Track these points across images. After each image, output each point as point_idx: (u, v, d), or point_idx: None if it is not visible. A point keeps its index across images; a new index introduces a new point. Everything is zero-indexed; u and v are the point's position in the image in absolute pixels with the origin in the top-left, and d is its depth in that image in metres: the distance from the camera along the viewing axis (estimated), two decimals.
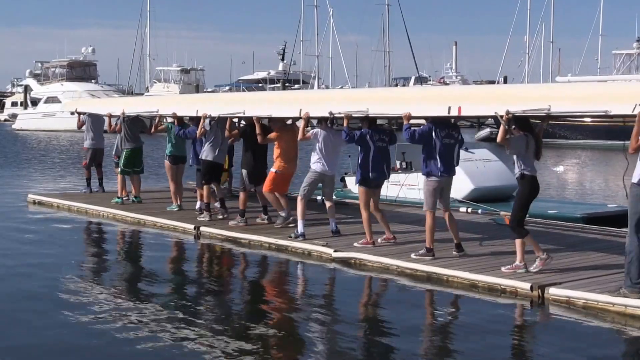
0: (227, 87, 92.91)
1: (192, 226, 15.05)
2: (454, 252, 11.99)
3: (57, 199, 18.98)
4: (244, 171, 14.79)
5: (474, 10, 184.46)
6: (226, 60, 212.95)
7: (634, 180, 9.60)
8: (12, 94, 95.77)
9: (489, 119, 37.81)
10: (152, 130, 17.00)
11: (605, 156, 32.48)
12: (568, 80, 52.59)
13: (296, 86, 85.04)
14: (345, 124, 12.75)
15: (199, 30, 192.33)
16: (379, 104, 12.86)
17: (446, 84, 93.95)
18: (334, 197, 14.47)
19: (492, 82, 78.54)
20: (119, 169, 17.55)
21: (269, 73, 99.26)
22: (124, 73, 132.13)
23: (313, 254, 12.89)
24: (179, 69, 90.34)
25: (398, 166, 17.96)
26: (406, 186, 16.74)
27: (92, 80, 78.13)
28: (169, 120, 16.76)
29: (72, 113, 20.67)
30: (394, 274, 11.69)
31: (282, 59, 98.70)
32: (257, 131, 14.04)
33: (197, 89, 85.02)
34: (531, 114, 10.66)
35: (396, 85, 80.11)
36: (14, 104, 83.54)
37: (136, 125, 17.46)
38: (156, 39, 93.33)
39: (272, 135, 14.06)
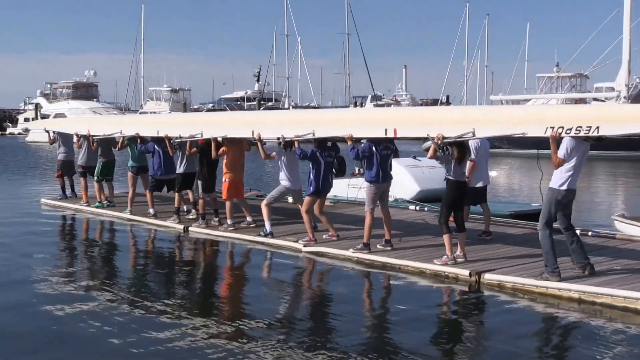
0: (211, 105, 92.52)
1: (181, 226, 14.97)
2: (379, 246, 12.04)
3: (65, 203, 18.81)
4: (199, 182, 14.77)
5: (422, 38, 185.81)
6: (209, 81, 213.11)
7: (550, 184, 9.85)
8: (25, 111, 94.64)
9: None
10: (119, 147, 16.98)
11: (530, 163, 32.74)
12: (499, 98, 53.04)
13: (269, 103, 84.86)
14: (296, 145, 12.74)
15: (186, 55, 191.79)
16: (323, 127, 12.66)
17: (397, 101, 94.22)
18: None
19: (437, 100, 79.42)
20: (95, 178, 17.60)
21: (247, 92, 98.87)
22: (121, 92, 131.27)
23: (285, 248, 12.92)
24: (169, 89, 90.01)
25: (357, 171, 18.07)
26: (363, 189, 16.88)
27: (94, 99, 77.81)
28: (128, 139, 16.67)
29: (46, 130, 20.36)
30: (354, 262, 11.76)
31: (258, 80, 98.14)
32: (213, 148, 13.97)
33: (185, 106, 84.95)
34: (459, 139, 10.60)
35: (355, 103, 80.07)
36: (26, 119, 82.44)
37: (108, 142, 17.41)
38: (149, 63, 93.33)
39: (222, 149, 13.99)
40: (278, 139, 13.02)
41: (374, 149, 11.95)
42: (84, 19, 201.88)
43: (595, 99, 47.86)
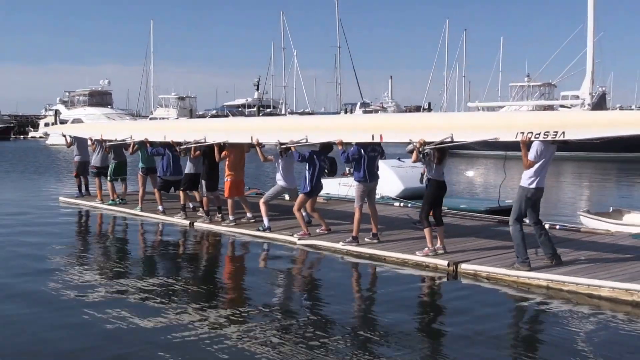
0: (214, 111, 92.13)
1: (187, 221, 14.95)
2: (367, 239, 12.04)
3: (81, 200, 18.79)
4: (203, 182, 14.84)
5: (406, 51, 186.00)
6: (213, 89, 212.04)
7: (521, 183, 9.87)
8: (45, 116, 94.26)
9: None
10: (131, 151, 17.01)
11: (500, 164, 32.86)
12: (476, 105, 53.02)
13: (268, 110, 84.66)
14: (293, 149, 12.75)
15: (192, 66, 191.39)
16: (316, 132, 12.64)
17: (384, 108, 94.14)
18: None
19: (419, 107, 79.25)
20: (109, 178, 17.71)
21: (247, 100, 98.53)
22: (133, 100, 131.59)
23: (281, 241, 12.92)
24: (176, 96, 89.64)
25: (347, 171, 18.08)
26: (353, 187, 16.90)
27: (108, 106, 77.49)
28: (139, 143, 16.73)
29: (63, 135, 20.57)
30: (343, 253, 11.76)
31: (257, 89, 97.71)
32: (216, 152, 14.10)
33: (191, 112, 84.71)
34: (439, 146, 10.59)
35: (345, 109, 79.88)
36: (46, 124, 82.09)
37: (119, 145, 17.44)
38: (158, 74, 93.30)
39: (224, 153, 14.08)
40: (276, 145, 13.02)
41: (362, 151, 11.97)
42: (99, 33, 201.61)
43: (562, 106, 47.95)
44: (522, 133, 9.40)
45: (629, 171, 34.43)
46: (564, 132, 9.10)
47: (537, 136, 9.32)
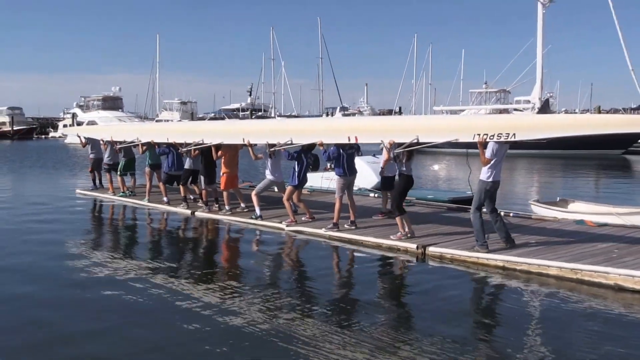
0: (212, 114, 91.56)
1: (189, 211, 14.90)
2: (346, 226, 12.01)
3: (96, 193, 18.69)
4: (202, 177, 14.91)
5: (380, 62, 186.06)
6: (211, 95, 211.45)
7: (480, 177, 9.89)
8: (64, 118, 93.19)
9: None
10: (141, 151, 16.96)
11: (462, 160, 33.02)
12: (440, 109, 53.08)
13: (259, 113, 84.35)
14: (282, 150, 12.83)
15: (193, 74, 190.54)
16: (299, 135, 12.60)
17: (360, 112, 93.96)
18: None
19: (391, 110, 79.36)
20: (119, 173, 17.74)
21: (241, 104, 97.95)
22: (141, 104, 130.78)
23: (271, 228, 12.89)
24: (179, 101, 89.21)
25: (328, 166, 18.05)
26: (334, 180, 16.90)
27: (119, 109, 76.95)
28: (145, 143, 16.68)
29: (77, 136, 20.61)
30: (326, 238, 11.74)
31: (250, 95, 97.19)
32: (213, 152, 14.19)
33: (192, 115, 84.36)
34: (408, 148, 10.61)
35: (327, 113, 79.65)
36: (64, 125, 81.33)
37: (129, 146, 17.38)
38: (163, 81, 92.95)
39: (220, 152, 14.14)
40: (266, 145, 13.06)
41: (340, 150, 12.05)
42: (111, 46, 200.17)
43: (516, 109, 48.02)
44: (479, 135, 9.44)
45: (573, 166, 34.61)
46: (514, 134, 9.17)
47: (491, 137, 9.37)
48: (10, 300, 7.89)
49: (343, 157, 12.08)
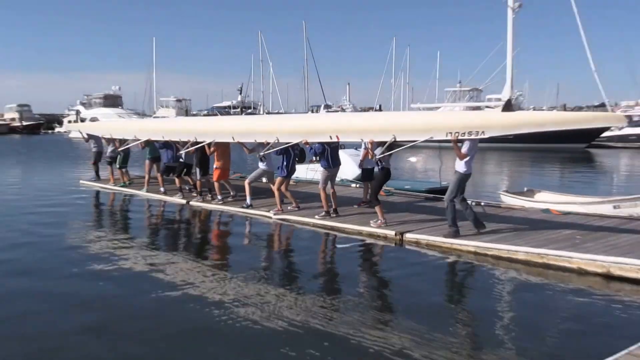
0: (206, 111, 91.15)
1: (184, 200, 14.86)
2: (332, 215, 12.05)
3: (98, 183, 18.67)
4: (197, 169, 14.88)
5: (361, 62, 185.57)
6: (204, 93, 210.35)
7: (456, 169, 9.94)
8: (68, 115, 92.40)
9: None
10: (141, 147, 16.95)
11: (436, 153, 33.15)
12: (418, 106, 52.99)
13: (249, 110, 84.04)
14: (270, 146, 12.80)
15: (188, 73, 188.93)
16: (286, 135, 12.56)
17: (343, 109, 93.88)
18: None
19: (372, 108, 79.34)
20: (118, 166, 17.85)
21: (232, 102, 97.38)
22: (139, 102, 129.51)
23: (260, 216, 12.88)
24: (174, 99, 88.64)
25: (314, 159, 18.01)
26: (318, 172, 16.90)
27: (119, 107, 76.96)
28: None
29: (79, 132, 20.80)
30: (310, 226, 11.75)
31: (240, 93, 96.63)
32: (207, 148, 14.20)
33: (186, 112, 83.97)
34: (389, 152, 10.66)
35: (312, 110, 79.46)
36: (69, 121, 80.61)
37: (127, 141, 17.39)
38: (160, 80, 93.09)
39: (213, 148, 14.15)
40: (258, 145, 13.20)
41: (324, 146, 12.12)
42: (112, 48, 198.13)
43: (488, 107, 48.00)
44: (451, 133, 9.50)
45: (540, 158, 34.81)
46: (483, 132, 9.26)
47: (462, 135, 9.43)
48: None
49: (327, 151, 12.20)
